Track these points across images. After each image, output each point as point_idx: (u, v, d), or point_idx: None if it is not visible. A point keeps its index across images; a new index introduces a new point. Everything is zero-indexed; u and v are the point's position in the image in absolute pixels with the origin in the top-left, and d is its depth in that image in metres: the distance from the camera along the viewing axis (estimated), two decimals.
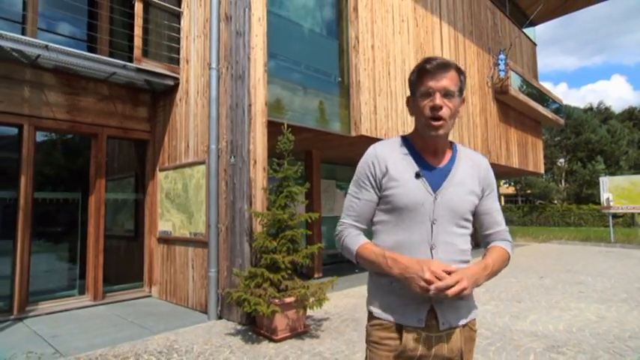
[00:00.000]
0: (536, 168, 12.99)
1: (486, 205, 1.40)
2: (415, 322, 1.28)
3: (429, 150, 1.36)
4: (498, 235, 1.41)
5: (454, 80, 1.29)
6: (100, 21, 5.81)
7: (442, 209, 1.30)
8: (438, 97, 1.26)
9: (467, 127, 9.04)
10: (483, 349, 3.70)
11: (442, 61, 1.30)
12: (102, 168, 5.74)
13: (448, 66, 1.29)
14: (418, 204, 1.29)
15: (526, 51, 13.11)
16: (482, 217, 1.40)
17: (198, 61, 5.45)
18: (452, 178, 1.34)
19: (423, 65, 1.30)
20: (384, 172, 1.34)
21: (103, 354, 3.67)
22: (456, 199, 1.31)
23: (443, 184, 1.32)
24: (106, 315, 5.05)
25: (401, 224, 1.32)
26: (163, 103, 6.11)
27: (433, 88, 1.26)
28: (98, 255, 5.60)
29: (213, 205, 4.83)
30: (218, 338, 4.10)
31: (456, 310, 1.31)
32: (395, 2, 7.16)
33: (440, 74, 1.27)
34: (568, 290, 6.31)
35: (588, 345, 3.79)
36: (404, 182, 1.31)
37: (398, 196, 1.31)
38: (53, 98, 5.29)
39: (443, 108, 1.26)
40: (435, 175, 1.33)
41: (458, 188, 1.33)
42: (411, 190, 1.30)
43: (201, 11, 5.49)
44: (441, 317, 1.28)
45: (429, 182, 1.32)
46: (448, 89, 1.26)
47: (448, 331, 1.30)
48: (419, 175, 1.31)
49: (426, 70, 1.28)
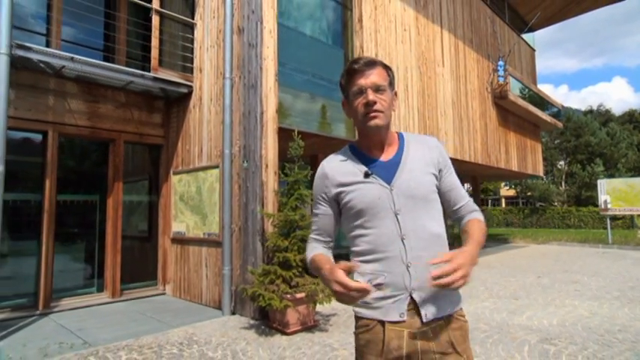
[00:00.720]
0: (535, 171, 13.27)
1: (448, 182, 1.40)
2: (397, 317, 1.26)
3: (375, 147, 1.37)
4: (467, 207, 1.41)
5: (382, 75, 1.32)
6: (118, 32, 6.13)
7: (402, 198, 1.30)
8: (370, 93, 1.28)
9: (467, 132, 9.33)
10: (482, 341, 3.98)
11: (368, 59, 1.33)
12: (119, 171, 6.04)
13: (374, 63, 1.32)
14: (375, 200, 1.30)
15: (525, 57, 13.41)
16: (447, 193, 1.40)
17: (212, 70, 5.75)
18: (403, 166, 1.34)
19: (350, 66, 1.33)
20: (335, 184, 1.37)
21: (129, 344, 3.95)
22: (413, 183, 1.32)
23: (396, 175, 1.33)
24: (124, 311, 5.33)
25: (367, 225, 1.32)
26: (177, 110, 6.41)
27: (364, 86, 1.29)
28: (116, 254, 5.89)
29: (227, 206, 5.13)
30: (233, 331, 4.38)
31: (437, 301, 1.27)
32: (397, 12, 7.47)
33: (368, 71, 1.30)
34: (564, 289, 6.59)
35: (579, 337, 4.07)
36: (356, 185, 1.33)
37: (355, 200, 1.32)
38: (75, 106, 5.59)
39: (377, 102, 1.28)
40: (385, 168, 1.34)
41: (412, 174, 1.33)
42: (365, 190, 1.32)
43: (214, 23, 5.79)
44: (423, 309, 1.26)
45: (381, 177, 1.33)
46: (378, 84, 1.29)
47: (432, 324, 1.26)
48: (368, 174, 1.33)
49: (354, 70, 1.31)
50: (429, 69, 8.23)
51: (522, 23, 14.11)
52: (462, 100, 9.27)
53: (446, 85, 8.74)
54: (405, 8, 7.68)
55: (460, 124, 9.09)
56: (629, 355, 3.57)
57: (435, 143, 1.44)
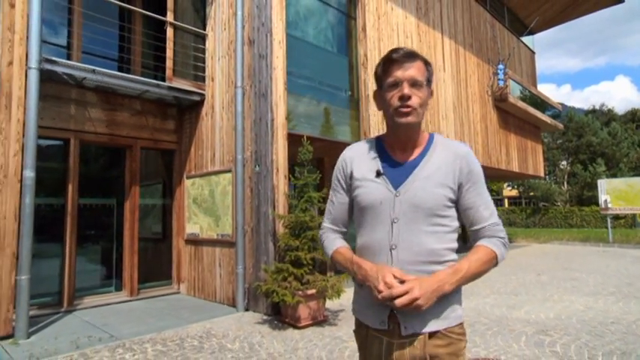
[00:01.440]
0: (536, 172, 13.51)
1: (469, 200, 1.28)
2: (378, 325, 1.25)
3: (399, 145, 1.32)
4: (485, 231, 1.29)
5: (421, 70, 1.25)
6: (133, 44, 6.44)
7: (404, 207, 1.24)
8: (406, 87, 1.22)
9: (468, 134, 9.60)
10: (482, 333, 4.25)
11: (408, 50, 1.26)
12: (136, 176, 6.34)
13: (415, 56, 1.25)
14: (377, 203, 1.26)
15: (525, 59, 13.66)
16: (465, 212, 1.30)
17: (223, 79, 6.05)
18: (418, 172, 1.27)
19: (388, 56, 1.26)
20: (350, 174, 1.35)
21: (152, 338, 4.24)
22: (421, 194, 1.23)
23: (406, 180, 1.26)
24: (143, 308, 5.63)
25: (365, 225, 1.30)
26: (189, 117, 6.71)
27: (400, 78, 1.22)
28: (133, 255, 6.19)
29: (239, 209, 5.42)
30: (248, 326, 4.67)
31: (421, 316, 1.20)
32: (400, 20, 7.76)
33: (407, 64, 1.23)
34: (562, 285, 6.84)
35: (574, 329, 4.34)
36: (365, 182, 1.30)
37: (360, 197, 1.30)
38: (94, 114, 5.90)
39: (412, 97, 1.22)
40: (399, 171, 1.28)
41: (424, 182, 1.25)
42: (371, 189, 1.28)
43: (225, 34, 6.09)
44: (403, 322, 1.21)
45: (391, 180, 1.27)
46: (416, 79, 1.23)
47: (412, 337, 1.21)
48: (379, 173, 1.29)
49: (392, 60, 1.24)
50: None
51: (522, 26, 14.36)
52: (462, 103, 9.54)
53: (447, 89, 9.01)
54: (407, 16, 7.96)
55: (461, 127, 9.36)
56: (619, 344, 3.83)
57: (463, 151, 1.31)
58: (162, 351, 3.86)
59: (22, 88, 4.44)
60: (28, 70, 4.44)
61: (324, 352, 3.78)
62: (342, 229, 1.42)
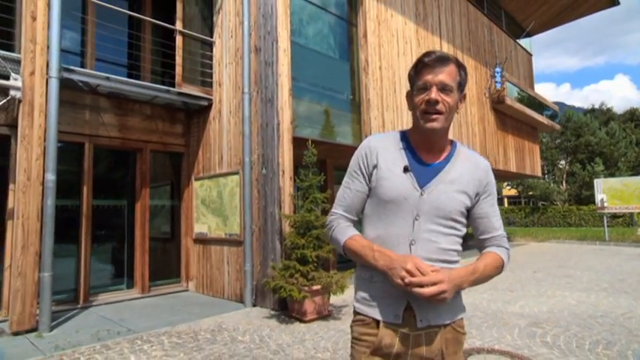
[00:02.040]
0: (534, 171, 13.77)
1: (483, 209, 1.36)
2: (392, 318, 1.27)
3: (425, 146, 1.34)
4: (494, 240, 1.37)
5: (452, 75, 1.26)
6: (143, 51, 6.70)
7: (427, 206, 1.28)
8: (434, 91, 1.24)
9: (466, 136, 9.86)
10: (477, 326, 4.51)
11: (441, 54, 1.27)
12: (146, 178, 6.60)
13: (447, 60, 1.26)
14: (402, 198, 1.28)
15: (522, 61, 13.93)
16: (478, 220, 1.36)
17: (231, 85, 6.31)
18: (443, 176, 1.31)
19: (421, 59, 1.28)
20: (375, 164, 1.34)
21: (167, 331, 4.50)
22: (444, 197, 1.29)
23: (432, 181, 1.30)
24: (155, 304, 5.89)
25: (384, 218, 1.31)
26: (197, 121, 6.97)
27: (430, 82, 1.25)
28: (144, 254, 6.45)
29: (247, 209, 5.68)
30: (257, 320, 4.93)
31: (436, 309, 1.26)
32: (399, 26, 8.02)
33: (438, 68, 1.25)
34: (557, 282, 7.10)
35: (564, 321, 4.60)
36: (391, 176, 1.31)
37: (384, 189, 1.31)
38: (107, 119, 6.16)
39: (439, 103, 1.24)
40: (425, 171, 1.32)
41: (448, 187, 1.30)
42: (397, 184, 1.30)
43: (232, 42, 6.35)
44: (419, 314, 1.25)
45: (417, 178, 1.30)
46: (445, 83, 1.24)
47: (427, 330, 1.26)
48: (407, 169, 1.31)
49: (424, 64, 1.27)
50: None
51: (519, 29, 14.62)
52: None
53: None
54: (406, 22, 8.22)
55: (459, 130, 9.62)
56: (606, 335, 4.09)
57: (484, 165, 1.38)
58: (178, 343, 4.12)
59: (42, 95, 4.70)
60: (48, 79, 4.70)
61: (329, 343, 4.04)
62: (354, 217, 1.41)
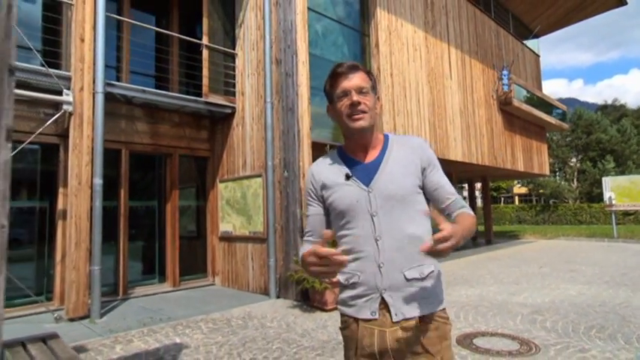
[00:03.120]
0: (541, 170, 14.08)
1: (433, 180, 1.40)
2: (368, 315, 1.30)
3: (359, 149, 1.41)
4: (456, 204, 1.38)
5: (364, 79, 1.36)
6: (171, 64, 7.26)
7: (380, 200, 1.33)
8: (354, 94, 1.32)
9: (474, 137, 10.25)
10: (484, 314, 4.95)
11: (351, 63, 1.38)
12: (175, 181, 7.15)
13: (357, 67, 1.37)
14: (353, 202, 1.34)
15: (529, 63, 14.23)
16: (433, 192, 1.40)
17: (253, 94, 6.82)
18: (383, 168, 1.37)
19: (334, 71, 1.37)
20: (321, 185, 1.42)
21: (203, 318, 5.03)
22: (391, 185, 1.34)
23: (375, 177, 1.36)
24: (186, 296, 6.43)
25: (346, 225, 1.36)
26: (221, 127, 7.50)
27: (347, 88, 1.33)
28: (174, 251, 7.00)
29: (270, 209, 6.18)
30: (282, 309, 5.43)
31: (410, 301, 1.29)
32: (409, 34, 8.46)
33: (351, 74, 1.34)
34: (561, 276, 7.48)
35: (564, 310, 5.02)
36: (337, 187, 1.38)
37: (336, 201, 1.37)
38: (140, 127, 6.72)
39: (360, 103, 1.32)
40: (366, 171, 1.37)
41: (391, 175, 1.35)
42: (345, 191, 1.36)
43: (254, 54, 6.86)
44: (393, 308, 1.28)
45: (361, 179, 1.36)
46: (361, 86, 1.33)
47: (403, 323, 1.28)
48: (348, 176, 1.37)
49: (338, 74, 1.36)
50: (438, 83, 9.19)
51: (527, 31, 14.92)
52: (468, 108, 10.20)
53: (454, 96, 9.68)
54: (416, 30, 8.66)
55: (468, 131, 10.02)
56: (600, 321, 4.50)
57: (418, 143, 1.44)
58: (214, 328, 4.64)
59: (90, 109, 5.26)
60: (95, 93, 5.26)
61: None
62: (318, 239, 1.40)
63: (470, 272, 8.19)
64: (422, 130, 8.47)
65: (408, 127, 8.12)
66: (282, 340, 4.14)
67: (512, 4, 13.40)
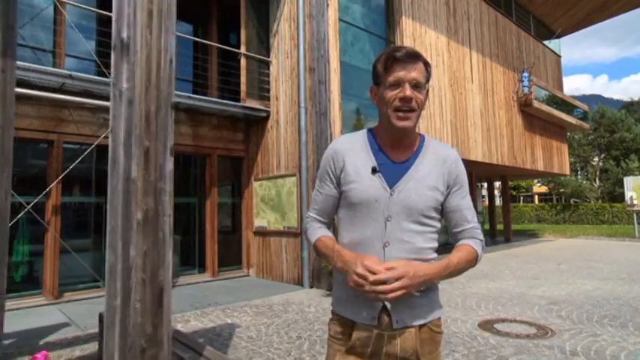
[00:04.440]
0: (562, 170, 14.25)
1: (454, 202, 1.33)
2: (368, 320, 1.26)
3: (393, 144, 1.32)
4: (467, 232, 1.34)
5: (422, 72, 1.25)
6: (210, 72, 7.85)
7: (398, 206, 1.26)
8: (408, 88, 1.22)
9: (494, 138, 10.58)
10: (503, 304, 5.37)
11: (411, 50, 1.25)
12: (214, 179, 7.75)
13: (417, 56, 1.25)
14: (372, 200, 1.26)
15: (550, 64, 14.39)
16: (450, 214, 1.34)
17: (287, 99, 7.35)
18: (412, 173, 1.29)
19: (391, 54, 1.25)
20: (342, 168, 1.32)
21: (246, 304, 5.59)
22: (414, 195, 1.26)
23: (401, 180, 1.28)
24: (226, 285, 7.02)
25: (356, 221, 1.29)
26: (256, 129, 8.06)
27: (403, 79, 1.22)
28: (214, 244, 7.61)
29: (304, 205, 6.71)
30: (316, 297, 5.95)
31: (412, 309, 1.26)
32: (432, 41, 8.85)
33: (410, 65, 1.23)
34: (579, 272, 7.80)
35: (579, 302, 5.40)
36: (359, 178, 1.28)
37: (353, 192, 1.29)
38: (184, 130, 7.33)
39: (412, 100, 1.23)
40: (393, 170, 1.29)
41: (417, 184, 1.28)
42: (366, 186, 1.27)
43: (288, 62, 7.39)
44: (394, 315, 1.24)
45: (386, 178, 1.28)
46: (418, 80, 1.23)
47: (403, 330, 1.25)
48: (375, 170, 1.28)
49: (395, 59, 1.23)
50: (460, 86, 9.56)
51: (548, 32, 15.06)
52: (489, 110, 10.53)
53: (475, 98, 10.03)
54: (438, 36, 9.04)
55: (488, 132, 10.35)
56: (614, 312, 4.88)
57: (453, 157, 1.37)
58: (258, 312, 5.19)
59: None
60: None
61: None
62: (326, 220, 1.42)
63: (489, 268, 8.56)
64: (444, 131, 8.87)
65: (431, 129, 8.53)
66: (322, 322, 4.66)
67: (534, 5, 13.59)
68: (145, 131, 1.70)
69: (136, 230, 1.63)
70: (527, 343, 3.81)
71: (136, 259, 1.64)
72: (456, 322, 4.56)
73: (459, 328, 4.33)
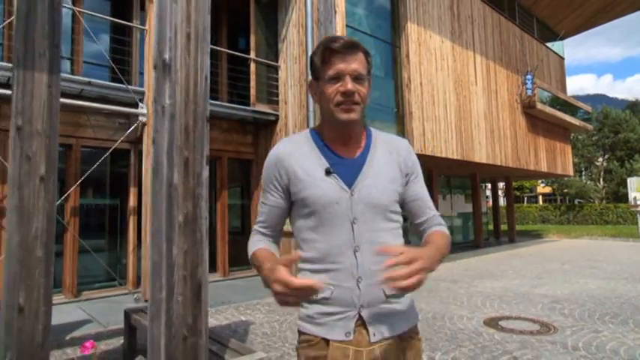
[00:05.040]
0: (565, 171, 14.38)
1: (414, 191, 1.26)
2: (342, 336, 1.12)
3: (341, 140, 1.21)
4: (433, 220, 1.27)
5: (363, 63, 1.15)
6: (221, 77, 8.06)
7: (361, 206, 1.15)
8: (349, 82, 1.12)
9: (498, 139, 10.73)
10: (508, 302, 5.54)
11: (349, 40, 1.15)
12: (224, 182, 7.95)
13: (356, 46, 1.15)
14: (332, 203, 1.14)
15: (554, 66, 14.52)
16: (411, 204, 1.26)
17: (295, 103, 7.54)
18: (367, 169, 1.19)
19: (328, 45, 1.14)
20: (289, 174, 1.19)
21: (259, 302, 5.79)
22: (375, 191, 1.17)
23: (358, 178, 1.18)
24: (237, 285, 7.22)
25: (320, 230, 1.16)
26: (265, 132, 8.26)
27: (343, 72, 1.12)
28: (224, 245, 7.81)
29: None
30: None
31: (388, 318, 1.15)
32: (437, 45, 9.02)
33: (349, 55, 1.13)
34: (582, 272, 7.95)
35: (582, 300, 5.55)
36: (313, 181, 1.16)
37: (310, 199, 1.16)
38: None
39: (355, 93, 1.13)
40: (347, 168, 1.18)
41: (376, 179, 1.19)
42: (323, 189, 1.15)
43: (296, 67, 7.58)
44: (372, 328, 1.13)
45: (342, 177, 1.17)
46: (359, 72, 1.13)
47: (381, 343, 1.13)
48: (329, 171, 1.16)
49: (332, 51, 1.13)
50: (464, 89, 9.72)
51: (552, 34, 15.19)
52: (493, 112, 10.68)
53: (479, 101, 10.19)
54: (443, 40, 9.21)
55: (492, 134, 10.51)
56: (615, 309, 5.03)
57: (404, 145, 1.29)
58: (270, 310, 5.38)
59: None
60: None
61: None
62: (273, 233, 1.29)
63: (493, 267, 8.72)
64: (448, 134, 9.04)
65: (436, 131, 8.70)
66: None
67: (537, 8, 13.73)
68: (185, 143, 1.90)
69: (177, 232, 1.83)
70: (531, 338, 3.99)
71: (178, 258, 1.84)
72: (462, 319, 4.73)
73: (465, 325, 4.51)
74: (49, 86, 2.33)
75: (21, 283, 2.19)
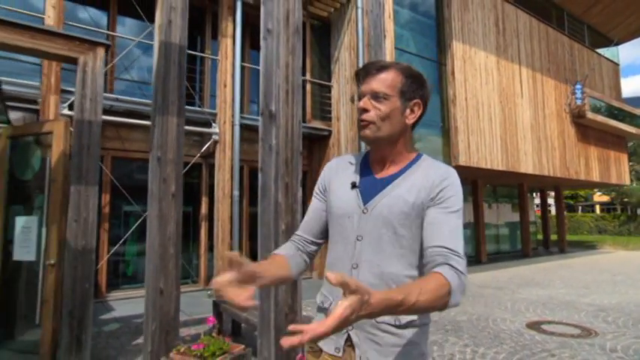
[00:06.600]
0: (620, 180, 13.99)
1: (431, 215, 1.10)
2: (332, 350, 1.15)
3: (377, 160, 1.23)
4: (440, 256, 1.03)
5: (387, 82, 1.15)
6: None
7: (371, 224, 1.14)
8: (363, 100, 1.17)
9: (545, 150, 10.80)
10: (552, 309, 5.83)
11: (378, 63, 1.20)
12: None
13: (382, 68, 1.17)
14: (345, 216, 1.18)
15: (607, 73, 14.22)
16: (424, 228, 1.11)
17: (347, 120, 8.19)
18: (390, 190, 1.16)
19: (357, 71, 1.23)
20: (327, 184, 1.29)
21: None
22: (387, 211, 1.13)
23: (376, 197, 1.16)
24: None
25: (332, 239, 1.23)
26: (318, 146, 8.97)
27: (362, 92, 1.19)
28: None
29: None
30: None
31: (381, 347, 1.09)
32: (481, 61, 9.36)
33: (370, 77, 1.18)
34: (634, 284, 7.93)
35: (628, 310, 5.73)
36: (339, 193, 1.22)
37: (331, 207, 1.23)
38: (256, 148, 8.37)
39: (367, 111, 1.16)
40: (372, 186, 1.19)
41: (393, 200, 1.13)
42: (343, 200, 1.20)
43: (348, 87, 8.24)
44: (358, 349, 1.11)
45: (362, 194, 1.18)
46: (376, 91, 1.15)
47: None
48: (354, 185, 1.20)
49: (358, 74, 1.22)
50: (510, 101, 9.95)
51: (605, 40, 14.88)
52: (540, 123, 10.78)
53: (525, 112, 10.36)
54: (488, 56, 9.53)
55: (539, 144, 10.61)
56: None
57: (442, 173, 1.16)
58: None
59: (230, 136, 6.93)
60: (234, 125, 6.94)
61: None
62: (308, 237, 1.31)
63: (541, 277, 8.85)
64: (493, 146, 9.32)
65: (481, 144, 9.02)
66: None
67: (588, 16, 13.57)
68: (285, 172, 2.58)
69: (281, 236, 2.50)
70: (570, 340, 4.34)
71: None
72: (505, 321, 5.13)
73: (508, 326, 4.90)
74: (177, 125, 3.12)
75: (160, 272, 2.97)
